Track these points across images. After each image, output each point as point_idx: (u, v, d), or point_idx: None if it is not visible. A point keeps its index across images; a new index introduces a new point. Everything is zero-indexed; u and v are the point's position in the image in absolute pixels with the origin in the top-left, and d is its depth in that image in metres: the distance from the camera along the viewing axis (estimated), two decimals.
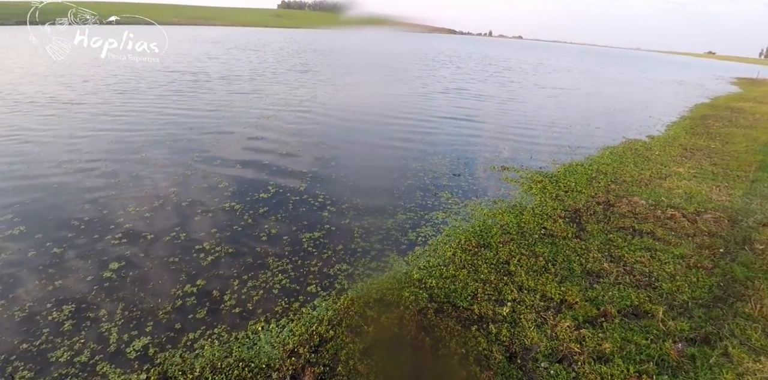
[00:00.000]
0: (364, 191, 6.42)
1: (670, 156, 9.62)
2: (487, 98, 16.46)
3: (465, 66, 30.95)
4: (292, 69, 21.45)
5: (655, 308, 3.91)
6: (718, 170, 8.68)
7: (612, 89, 24.89)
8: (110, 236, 4.85)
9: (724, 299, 4.18)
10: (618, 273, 4.52)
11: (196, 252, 4.61)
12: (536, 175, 7.62)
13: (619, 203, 6.51)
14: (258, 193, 6.18)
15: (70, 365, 3.06)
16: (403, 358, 3.13)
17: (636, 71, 45.18)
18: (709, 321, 3.81)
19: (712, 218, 6.11)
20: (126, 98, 12.29)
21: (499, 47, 78.48)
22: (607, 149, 9.91)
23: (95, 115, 10.25)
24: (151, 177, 6.60)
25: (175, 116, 10.19)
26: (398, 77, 21.27)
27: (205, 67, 19.94)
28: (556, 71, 34.43)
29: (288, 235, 5.05)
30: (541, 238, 5.22)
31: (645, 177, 7.90)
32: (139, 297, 3.88)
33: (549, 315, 3.75)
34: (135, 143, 8.14)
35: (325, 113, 11.41)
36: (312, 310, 3.73)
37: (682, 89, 28.09)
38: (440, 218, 5.67)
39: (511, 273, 4.39)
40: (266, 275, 4.25)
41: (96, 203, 5.66)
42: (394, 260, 4.60)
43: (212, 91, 14.29)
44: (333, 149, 8.47)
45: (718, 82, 36.98)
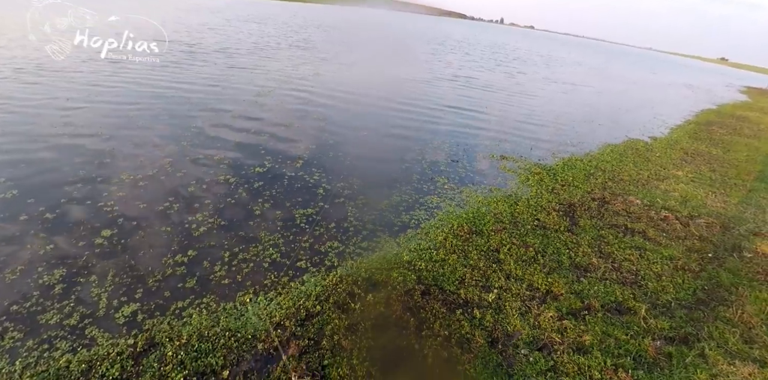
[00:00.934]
0: (360, 171, 6.40)
1: (670, 159, 9.62)
2: (493, 87, 16.26)
3: (473, 53, 30.48)
4: (295, 45, 21.02)
5: (638, 305, 3.98)
6: (716, 176, 8.69)
7: (620, 87, 24.67)
8: (103, 203, 4.82)
9: (707, 302, 4.25)
10: (606, 269, 4.57)
11: (189, 223, 4.61)
12: (535, 167, 7.61)
13: (615, 200, 6.53)
14: (253, 167, 6.13)
15: (59, 328, 3.09)
16: (387, 337, 3.18)
17: (646, 71, 44.73)
18: (689, 322, 3.87)
19: (705, 223, 6.15)
20: (117, 67, 11.86)
21: (510, 36, 77.21)
22: (608, 147, 9.88)
23: (86, 84, 9.95)
24: (147, 147, 6.49)
25: (171, 90, 9.90)
26: (403, 60, 20.92)
27: (203, 38, 19.46)
28: (566, 65, 34.01)
29: (281, 210, 5.05)
30: (534, 229, 5.26)
31: (643, 177, 7.91)
32: (130, 264, 3.89)
33: (534, 304, 3.81)
34: (130, 116, 7.91)
35: (326, 94, 11.22)
36: (300, 285, 3.76)
37: (690, 93, 27.88)
38: (434, 203, 5.68)
39: (500, 261, 4.43)
40: (257, 248, 4.26)
41: (90, 170, 5.59)
42: (385, 241, 4.62)
43: (210, 64, 13.92)
44: (332, 129, 8.37)
45: (727, 90, 36.69)
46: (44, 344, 2.94)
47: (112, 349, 2.92)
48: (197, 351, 2.93)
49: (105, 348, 2.94)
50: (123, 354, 2.89)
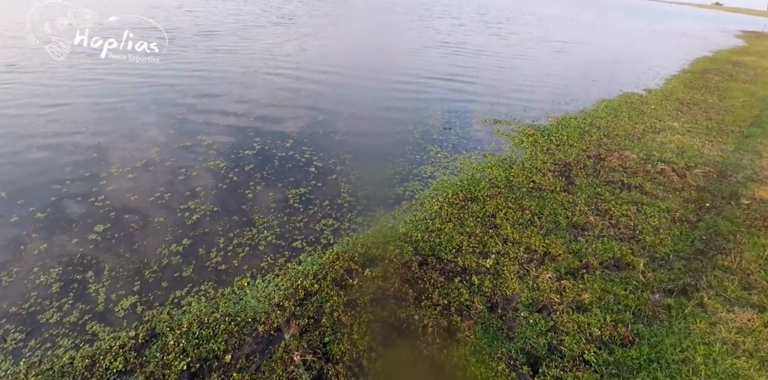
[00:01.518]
0: (351, 147, 6.28)
1: (665, 110, 9.44)
2: (483, 52, 15.73)
3: (461, 16, 29.42)
4: (278, 22, 20.23)
5: (636, 260, 3.98)
6: (712, 124, 8.56)
7: (613, 41, 23.99)
8: (94, 198, 4.75)
9: (705, 252, 4.25)
10: (603, 226, 4.55)
11: (181, 212, 4.55)
12: (528, 128, 7.47)
13: (610, 156, 6.45)
14: (243, 150, 6.01)
15: (59, 325, 3.10)
16: (386, 310, 3.19)
17: (641, 23, 43.34)
18: (688, 272, 3.89)
19: (702, 173, 6.09)
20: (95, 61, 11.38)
21: None
22: (603, 103, 9.69)
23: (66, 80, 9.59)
24: (134, 139, 6.33)
25: (153, 79, 9.52)
26: (390, 30, 20.22)
27: (182, 22, 18.69)
28: (559, 22, 32.89)
29: (274, 192, 4.98)
30: (529, 192, 5.21)
31: (638, 131, 7.79)
32: (126, 257, 3.87)
33: (532, 266, 3.81)
34: (114, 109, 7.64)
35: (313, 70, 10.85)
36: (297, 265, 3.75)
37: (685, 41, 27.13)
38: (428, 173, 5.61)
39: (496, 226, 4.41)
40: (252, 232, 4.23)
41: (78, 165, 5.48)
42: (380, 214, 4.59)
43: (191, 48, 13.36)
44: (320, 106, 8.14)
45: (723, 35, 35.69)
46: (46, 343, 2.96)
47: (114, 342, 2.94)
48: (198, 338, 2.96)
49: (107, 342, 2.95)
50: (125, 346, 2.91)
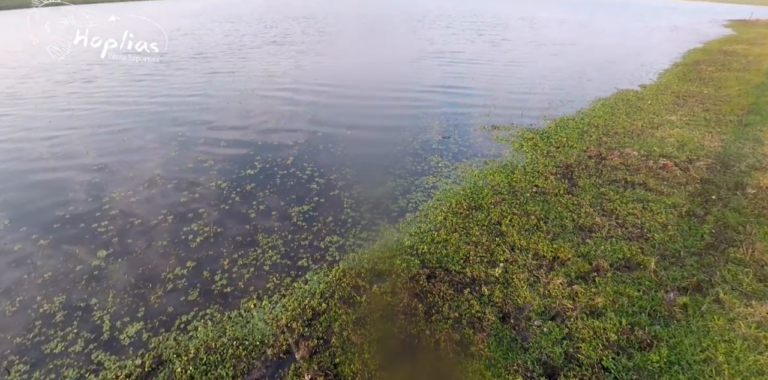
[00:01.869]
0: (352, 161, 6.28)
1: (662, 105, 9.42)
2: (477, 59, 15.77)
3: (454, 26, 29.71)
4: (272, 41, 20.46)
5: (647, 259, 3.92)
6: (710, 115, 8.52)
7: (605, 40, 24.10)
8: (96, 224, 4.76)
9: (716, 246, 4.18)
10: (610, 227, 4.50)
11: (185, 234, 4.54)
12: (527, 132, 7.45)
13: (611, 155, 6.41)
14: (244, 170, 6.02)
15: (64, 355, 3.06)
16: (396, 326, 3.14)
17: (629, 20, 43.62)
18: (701, 268, 3.82)
19: (705, 165, 6.04)
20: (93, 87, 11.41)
21: (488, 2, 75.18)
22: (599, 102, 9.68)
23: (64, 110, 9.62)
24: (135, 163, 6.38)
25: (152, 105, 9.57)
26: (384, 43, 20.39)
27: (177, 45, 18.92)
28: (550, 25, 33.16)
29: (277, 210, 4.96)
30: (533, 196, 5.16)
31: (637, 128, 7.76)
32: (130, 283, 3.84)
33: (541, 273, 3.75)
34: (114, 135, 7.70)
35: (309, 88, 10.87)
36: (304, 284, 3.71)
37: (675, 36, 27.23)
38: (430, 183, 5.58)
39: (503, 234, 4.36)
40: (256, 252, 4.20)
41: (80, 191, 5.51)
42: (384, 228, 4.55)
43: (188, 71, 13.45)
44: (319, 122, 8.17)
45: (712, 26, 35.80)
46: (51, 374, 2.92)
47: (120, 372, 2.90)
48: (206, 364, 2.91)
49: (113, 371, 2.91)
50: (132, 375, 2.86)
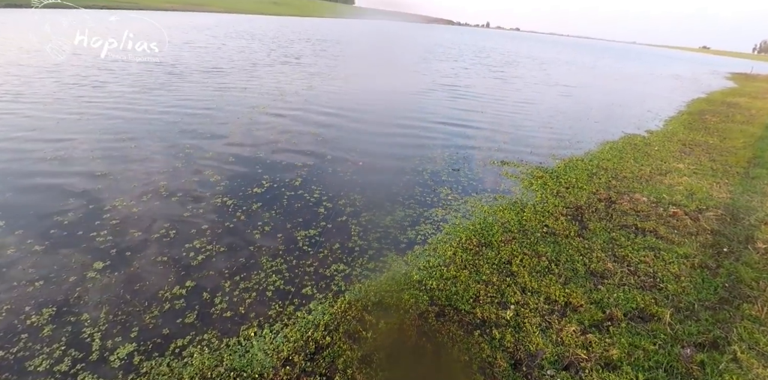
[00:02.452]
0: (361, 187, 6.22)
1: (669, 152, 9.52)
2: (486, 94, 16.13)
3: (463, 60, 30.58)
4: (284, 61, 20.95)
5: (661, 311, 3.80)
6: (717, 166, 8.59)
7: (611, 83, 24.77)
8: (95, 233, 4.62)
9: (730, 300, 4.08)
10: (622, 274, 4.40)
11: (186, 251, 4.41)
12: (536, 170, 7.46)
13: (621, 199, 6.38)
14: (251, 188, 5.96)
15: (49, 374, 2.87)
16: (403, 366, 2.98)
17: (635, 66, 45.06)
18: (716, 324, 3.70)
19: (714, 216, 6.01)
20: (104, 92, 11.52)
21: (497, 39, 77.93)
22: (607, 144, 9.78)
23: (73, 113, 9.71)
24: (139, 173, 6.31)
25: (162, 115, 9.61)
26: (395, 71, 20.88)
27: (190, 57, 19.38)
28: (558, 65, 34.17)
29: (282, 232, 4.86)
30: (543, 237, 5.08)
31: (645, 173, 7.79)
32: (125, 299, 3.68)
33: (554, 318, 3.62)
34: (120, 143, 7.70)
35: (319, 109, 11.02)
36: (307, 314, 3.56)
37: (679, 84, 28.04)
38: (440, 216, 5.50)
39: (513, 274, 4.25)
40: (259, 276, 4.06)
41: (81, 198, 5.40)
42: (392, 260, 4.43)
43: (198, 84, 13.63)
44: (329, 145, 8.19)
45: (714, 77, 36.99)
46: None
47: None
48: None
49: None
50: None
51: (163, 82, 13.36)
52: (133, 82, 12.95)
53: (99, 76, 13.36)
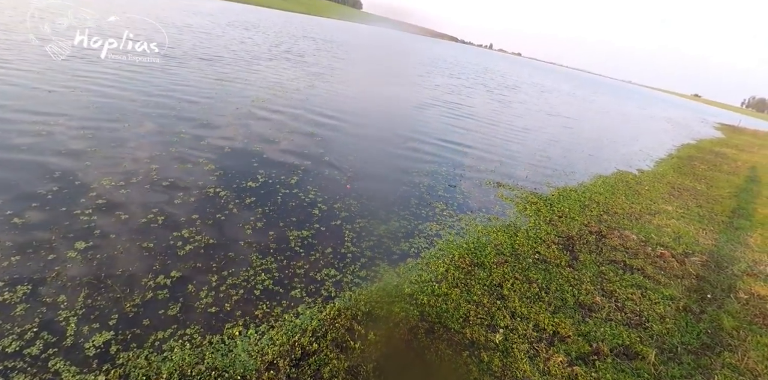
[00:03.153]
0: (357, 192, 6.16)
1: (659, 193, 9.73)
2: (485, 113, 16.38)
3: (465, 78, 30.99)
4: (287, 58, 20.88)
5: (646, 350, 3.82)
6: (703, 212, 8.80)
7: (608, 119, 25.42)
8: (79, 210, 4.43)
9: (711, 347, 4.13)
10: (610, 309, 4.42)
11: (174, 239, 4.26)
12: (531, 196, 7.52)
13: (611, 235, 6.46)
14: (246, 181, 5.83)
15: (18, 357, 2.70)
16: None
17: (631, 104, 46.37)
18: (698, 369, 3.73)
19: (700, 262, 6.12)
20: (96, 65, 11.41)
21: (499, 62, 79.42)
22: (600, 178, 9.95)
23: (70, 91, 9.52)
24: (132, 152, 6.12)
25: (159, 97, 9.41)
26: (395, 81, 20.99)
27: (193, 43, 19.18)
28: (559, 95, 34.91)
29: (274, 231, 4.75)
30: (535, 263, 5.09)
31: (635, 211, 7.92)
32: (105, 284, 3.51)
33: (542, 347, 3.60)
34: (115, 120, 7.53)
35: (319, 109, 10.88)
36: (295, 317, 3.46)
37: (671, 127, 28.93)
38: (434, 230, 5.47)
39: (504, 297, 4.22)
40: (248, 273, 3.94)
41: (68, 172, 5.17)
42: (384, 270, 4.37)
43: (196, 71, 13.41)
44: (327, 146, 8.10)
45: (703, 126, 38.30)
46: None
47: None
48: None
49: None
50: None
51: (162, 67, 13.13)
52: (129, 67, 12.67)
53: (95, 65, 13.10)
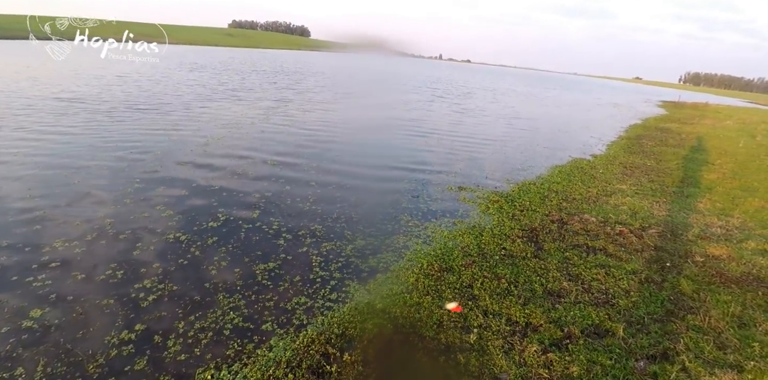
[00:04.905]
0: (321, 216, 6.19)
1: (612, 174, 10.19)
2: (442, 123, 16.78)
3: (421, 92, 31.83)
4: (236, 96, 20.96)
5: (615, 326, 3.96)
6: (655, 186, 9.27)
7: (558, 111, 26.54)
8: (32, 277, 4.27)
9: (675, 312, 4.32)
10: (577, 292, 4.57)
11: (136, 292, 4.16)
12: (492, 195, 7.75)
13: (572, 220, 6.72)
14: (207, 222, 5.77)
15: None
16: None
17: (579, 95, 48.55)
18: (665, 335, 3.89)
19: (657, 233, 6.43)
20: (53, 121, 11.12)
21: (450, 70, 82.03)
22: (556, 168, 10.34)
23: (18, 139, 9.23)
24: (85, 207, 5.97)
25: (105, 145, 9.40)
26: (345, 100, 21.39)
27: (137, 89, 19.01)
28: (510, 95, 36.23)
29: (240, 267, 4.71)
30: (502, 259, 5.23)
31: (593, 195, 8.27)
32: (65, 349, 3.39)
33: (515, 339, 3.68)
34: (64, 175, 7.34)
35: (278, 137, 11.06)
36: (268, 351, 3.42)
37: (617, 111, 30.44)
38: (401, 242, 5.55)
39: (475, 297, 4.31)
40: (216, 314, 3.89)
41: (17, 237, 5.01)
42: (355, 289, 4.39)
43: (149, 115, 13.40)
44: (287, 175, 8.11)
45: (647, 105, 40.50)
46: None
47: None
48: None
49: None
50: None
51: (122, 114, 12.93)
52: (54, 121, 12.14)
53: (47, 106, 12.77)
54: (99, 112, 12.60)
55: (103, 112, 12.67)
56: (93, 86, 18.06)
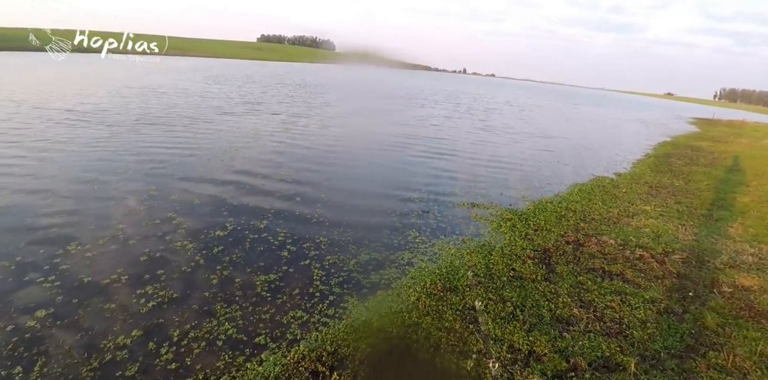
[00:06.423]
0: (327, 229, 6.14)
1: (636, 194, 9.79)
2: (458, 135, 16.68)
3: (441, 104, 31.81)
4: (252, 109, 21.38)
5: (627, 360, 3.70)
6: (682, 208, 8.83)
7: (584, 127, 25.95)
8: (43, 278, 4.39)
9: (696, 348, 4.02)
10: (588, 320, 4.33)
11: (137, 297, 4.20)
12: (506, 212, 7.53)
13: (589, 242, 6.44)
14: (214, 231, 5.80)
15: None
16: None
17: (606, 110, 47.49)
18: (682, 374, 3.61)
19: (680, 259, 6.08)
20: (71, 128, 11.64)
21: (473, 85, 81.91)
22: (576, 187, 10.01)
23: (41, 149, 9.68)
24: (99, 214, 6.10)
25: (126, 156, 9.72)
26: (369, 113, 21.50)
27: (158, 103, 19.68)
28: (529, 109, 35.80)
29: (241, 277, 4.69)
30: (510, 281, 5.02)
31: (613, 215, 7.94)
32: (63, 351, 3.43)
33: (516, 369, 3.48)
34: (85, 182, 7.53)
35: (291, 151, 11.05)
36: (258, 365, 3.35)
37: (645, 128, 29.53)
38: (406, 259, 5.42)
39: (477, 321, 4.13)
40: (211, 324, 3.86)
41: (34, 241, 5.17)
42: (353, 306, 4.28)
43: (166, 126, 13.84)
44: (297, 187, 8.05)
45: (678, 122, 39.20)
46: None
47: None
48: None
49: None
50: None
51: (146, 125, 13.40)
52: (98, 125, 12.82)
53: (68, 120, 13.40)
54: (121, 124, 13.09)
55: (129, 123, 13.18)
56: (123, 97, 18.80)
